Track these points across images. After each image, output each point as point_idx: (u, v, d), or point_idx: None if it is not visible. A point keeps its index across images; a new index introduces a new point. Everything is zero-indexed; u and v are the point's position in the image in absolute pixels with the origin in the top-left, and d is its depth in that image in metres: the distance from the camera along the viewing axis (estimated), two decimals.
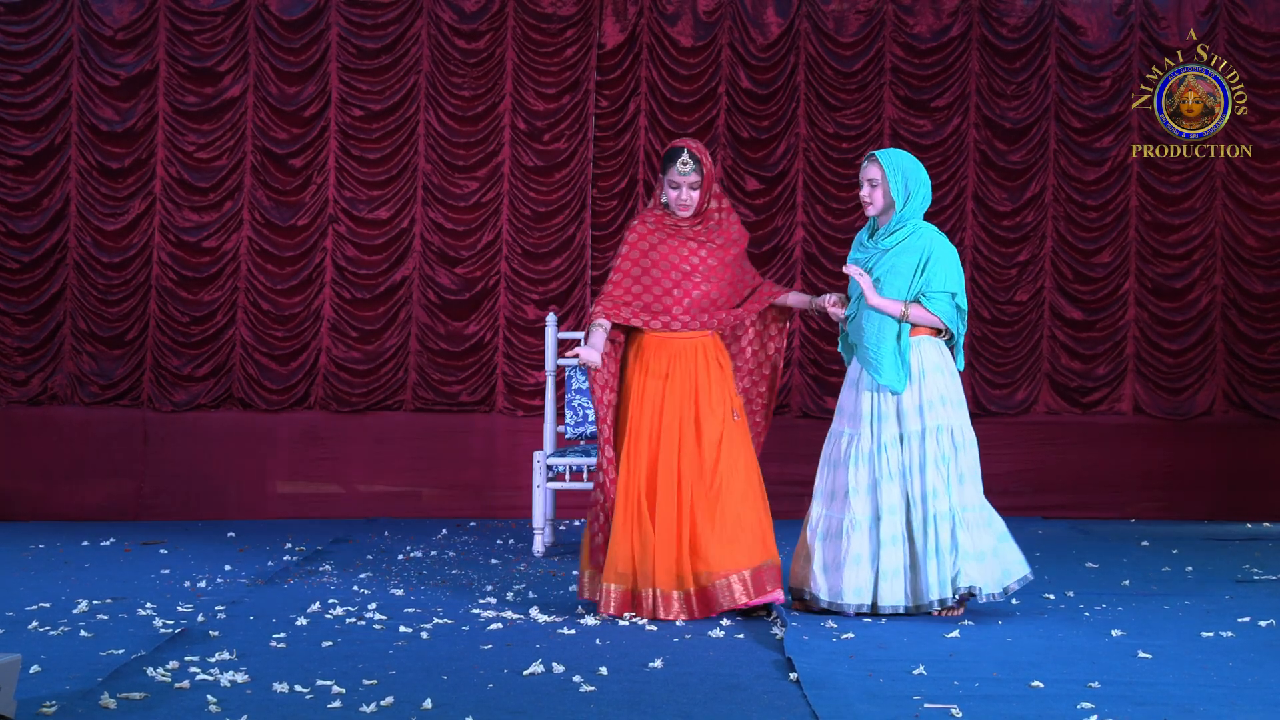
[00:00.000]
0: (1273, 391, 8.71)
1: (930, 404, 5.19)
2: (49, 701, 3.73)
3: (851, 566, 5.15)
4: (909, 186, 5.22)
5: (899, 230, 5.25)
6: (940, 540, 5.12)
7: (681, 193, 5.29)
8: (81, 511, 8.30)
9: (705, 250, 5.33)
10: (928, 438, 5.17)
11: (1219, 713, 3.72)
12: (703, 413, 5.24)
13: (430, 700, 3.78)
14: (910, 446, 5.19)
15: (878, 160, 5.24)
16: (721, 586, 5.09)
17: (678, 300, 5.27)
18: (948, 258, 5.23)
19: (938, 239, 5.25)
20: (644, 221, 5.39)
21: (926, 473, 5.15)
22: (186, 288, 8.50)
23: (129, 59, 8.51)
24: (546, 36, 8.65)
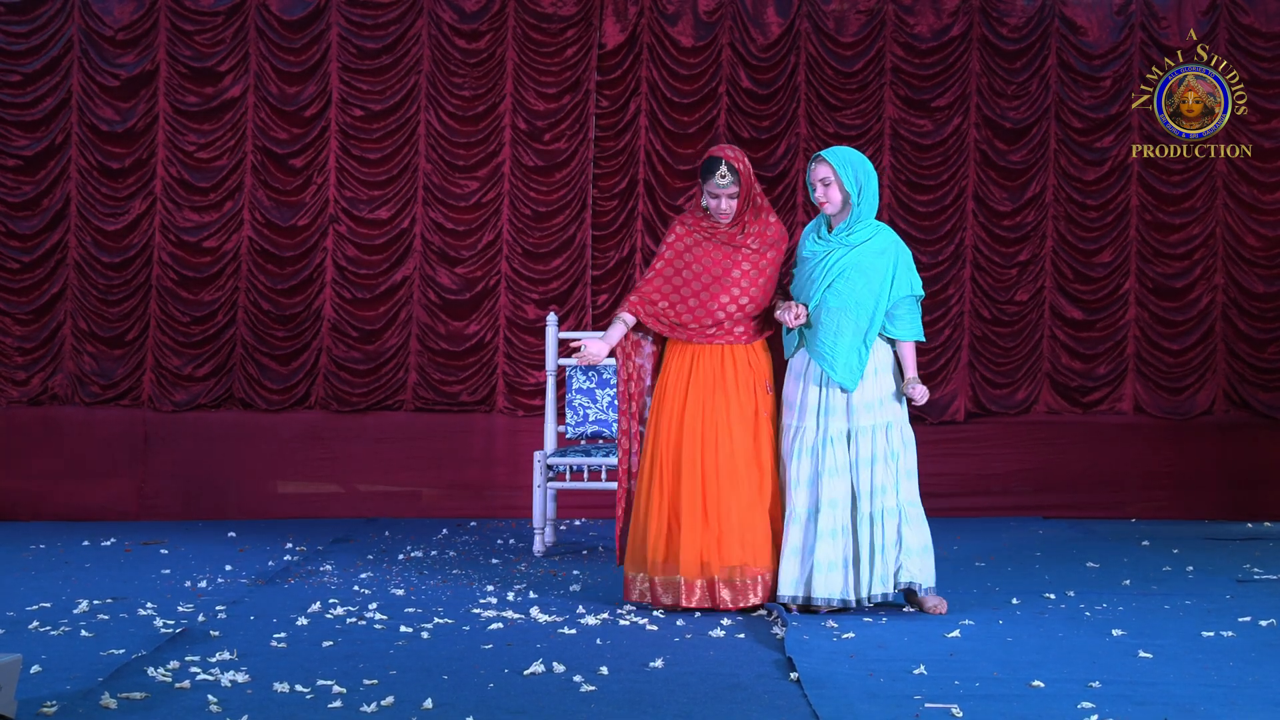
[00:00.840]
0: (1273, 391, 8.71)
1: (882, 401, 5.27)
2: (50, 701, 3.73)
3: (788, 559, 5.20)
4: (859, 179, 5.27)
5: (862, 227, 5.31)
6: (886, 535, 5.18)
7: (720, 203, 5.39)
8: (82, 511, 8.30)
9: (742, 255, 5.40)
10: (877, 434, 5.23)
11: (1219, 712, 3.72)
12: (731, 409, 5.31)
13: (431, 700, 3.79)
14: (859, 441, 5.22)
15: (824, 159, 5.28)
16: (750, 582, 5.21)
17: (708, 309, 5.35)
18: (911, 261, 5.36)
19: (900, 242, 5.37)
20: (683, 223, 5.50)
21: (875, 468, 5.21)
22: (187, 288, 8.50)
23: (129, 59, 8.51)
24: (547, 36, 8.65)
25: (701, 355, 5.39)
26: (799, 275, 5.38)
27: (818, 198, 5.31)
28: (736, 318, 5.37)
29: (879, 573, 5.16)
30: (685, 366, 5.39)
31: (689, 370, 5.38)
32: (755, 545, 5.25)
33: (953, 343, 8.72)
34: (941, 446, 8.62)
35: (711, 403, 5.32)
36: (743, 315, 5.38)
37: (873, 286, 5.26)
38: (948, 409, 8.67)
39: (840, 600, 5.16)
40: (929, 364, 8.68)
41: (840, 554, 5.17)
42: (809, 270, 5.33)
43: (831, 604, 5.15)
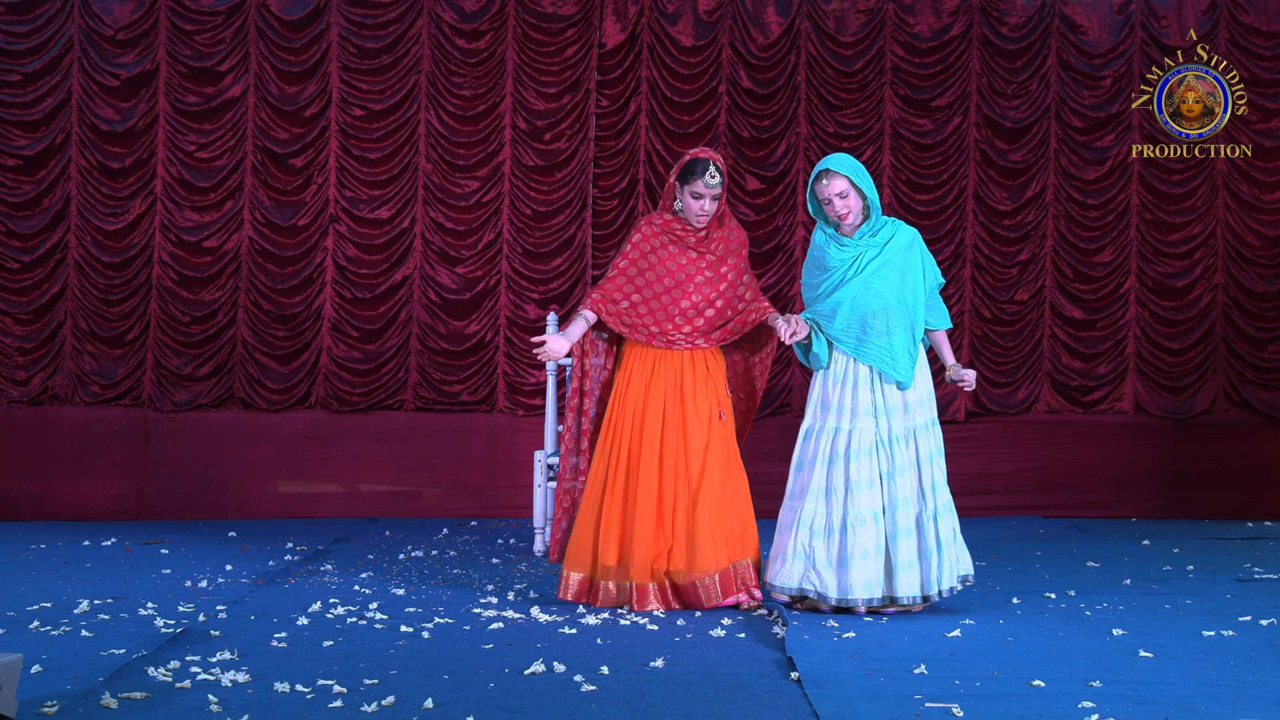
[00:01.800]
0: (1274, 390, 8.70)
1: (927, 399, 5.33)
2: (50, 701, 3.73)
3: (859, 562, 5.16)
4: (866, 180, 5.28)
5: (883, 227, 5.33)
6: (943, 531, 5.21)
7: (704, 203, 5.39)
8: (82, 511, 8.30)
9: (704, 262, 5.43)
10: (929, 432, 5.29)
11: (1220, 712, 3.72)
12: (688, 413, 5.33)
13: (431, 700, 3.79)
14: (915, 440, 5.26)
15: (836, 173, 5.23)
16: (698, 586, 5.22)
17: (668, 312, 5.38)
18: (928, 251, 5.41)
19: (916, 231, 5.40)
20: (650, 224, 5.49)
21: (933, 465, 5.26)
22: (187, 287, 8.50)
23: (129, 59, 8.51)
24: (547, 36, 8.65)
25: (663, 359, 5.40)
26: (823, 283, 5.34)
27: (838, 211, 5.25)
28: (697, 325, 5.39)
29: (945, 569, 5.19)
30: (646, 369, 5.40)
31: (650, 373, 5.39)
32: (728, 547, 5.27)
33: (953, 342, 8.71)
34: None
35: (671, 407, 5.33)
36: (703, 322, 5.40)
37: (910, 282, 5.30)
38: (948, 408, 8.67)
39: (919, 598, 5.17)
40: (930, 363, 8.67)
41: (914, 552, 5.19)
42: (838, 278, 5.30)
43: (916, 602, 5.16)
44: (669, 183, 5.47)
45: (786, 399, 8.64)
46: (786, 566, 5.24)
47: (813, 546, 5.22)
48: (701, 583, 5.23)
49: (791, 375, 8.64)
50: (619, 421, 5.37)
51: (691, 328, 5.40)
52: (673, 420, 5.33)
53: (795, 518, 5.27)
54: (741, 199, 8.69)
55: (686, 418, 5.33)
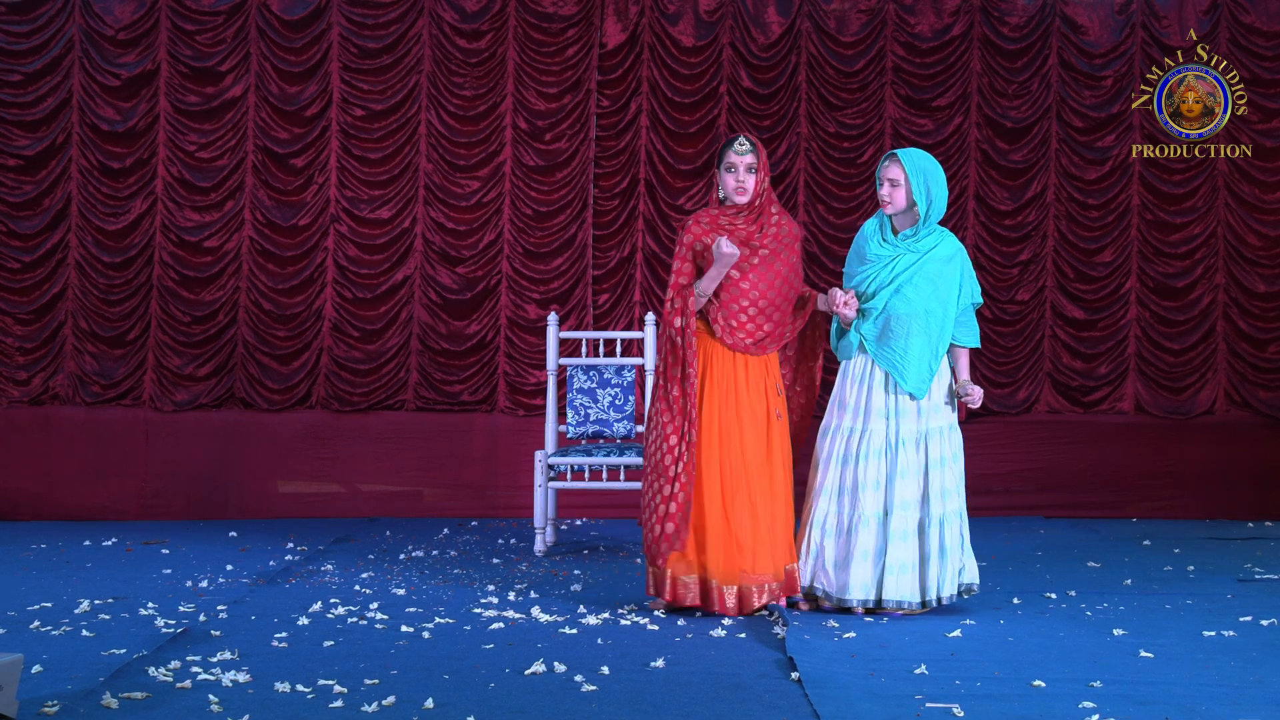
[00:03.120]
0: (1274, 390, 8.70)
1: (942, 405, 5.29)
2: (51, 701, 3.73)
3: (859, 563, 5.17)
4: (930, 189, 5.25)
5: (928, 233, 5.30)
6: (950, 537, 5.19)
7: (738, 174, 5.31)
8: (83, 511, 8.30)
9: (757, 258, 5.31)
10: (942, 437, 5.26)
11: (1221, 712, 3.72)
12: (743, 414, 5.27)
13: (432, 700, 3.79)
14: (926, 444, 5.24)
15: (900, 161, 5.25)
16: (757, 589, 5.18)
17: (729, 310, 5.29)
18: (972, 267, 5.39)
19: (963, 247, 5.38)
20: (698, 221, 5.41)
21: (944, 470, 5.23)
22: (188, 287, 8.50)
23: (130, 59, 8.51)
24: (548, 36, 8.65)
25: (715, 355, 5.32)
26: (860, 276, 5.34)
27: (883, 195, 5.28)
28: (763, 329, 5.30)
29: (946, 575, 5.17)
30: (701, 365, 5.31)
31: (704, 369, 5.31)
32: (777, 554, 5.23)
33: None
34: None
35: (726, 405, 5.27)
36: (770, 327, 5.32)
37: (941, 294, 5.26)
38: None
39: (911, 602, 5.15)
40: None
41: (912, 556, 5.17)
42: (873, 273, 5.30)
43: (903, 606, 5.14)
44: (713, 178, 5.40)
45: None
46: (800, 564, 5.26)
47: (823, 546, 5.24)
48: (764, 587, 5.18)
49: None
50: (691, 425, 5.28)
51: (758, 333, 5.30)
52: (726, 419, 5.25)
53: (810, 517, 5.30)
54: None
55: (743, 417, 5.26)
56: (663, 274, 8.61)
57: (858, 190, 8.72)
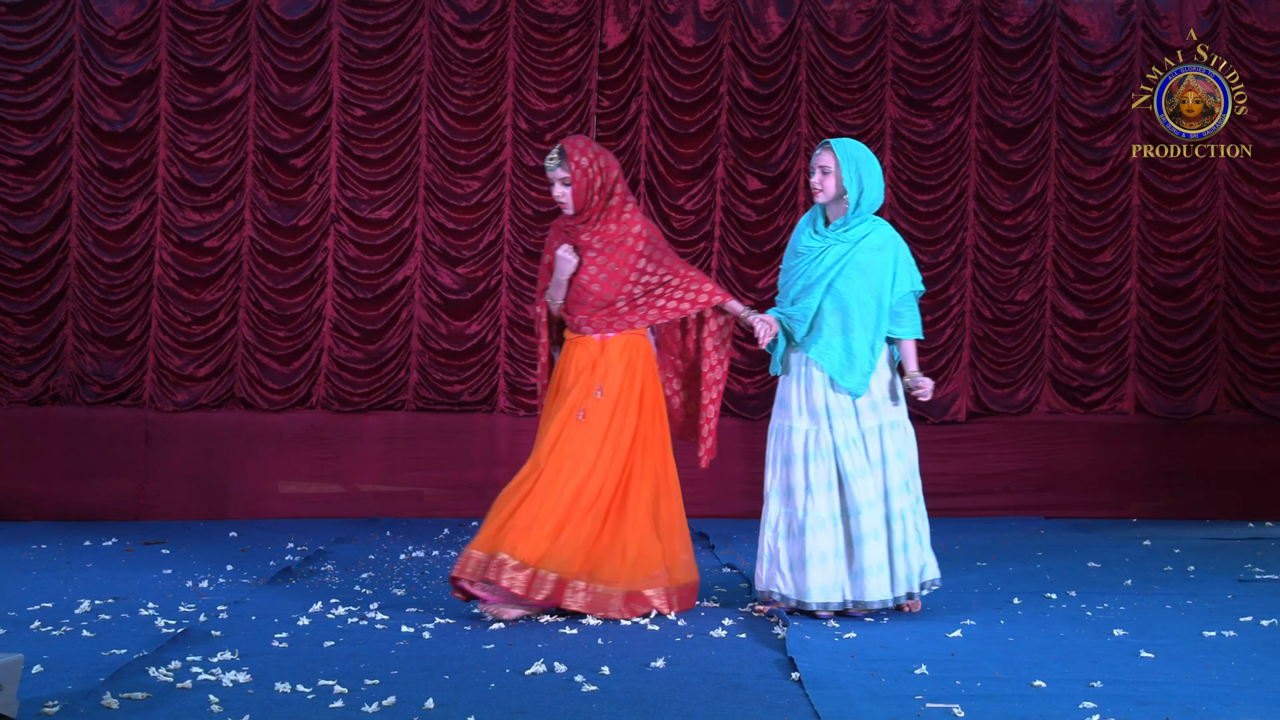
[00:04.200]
0: (1274, 391, 8.70)
1: (884, 400, 5.19)
2: (51, 701, 3.73)
3: (817, 565, 5.09)
4: (861, 179, 5.16)
5: (859, 223, 5.20)
6: (908, 534, 5.14)
7: (555, 189, 5.30)
8: (83, 511, 8.30)
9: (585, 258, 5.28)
10: (885, 433, 5.15)
11: (1221, 712, 3.71)
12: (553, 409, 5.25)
13: (432, 700, 3.79)
14: (868, 442, 5.14)
15: (831, 148, 5.18)
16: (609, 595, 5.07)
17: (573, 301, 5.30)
18: (909, 256, 5.27)
19: (898, 236, 5.27)
20: (555, 227, 5.44)
21: (891, 467, 5.13)
22: (188, 287, 8.50)
23: (130, 59, 8.51)
24: (548, 36, 8.65)
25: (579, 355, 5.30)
26: (791, 270, 5.28)
27: (814, 183, 5.21)
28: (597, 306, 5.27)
29: (909, 570, 5.13)
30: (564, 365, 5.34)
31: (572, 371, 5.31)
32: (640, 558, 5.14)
33: (954, 342, 8.72)
34: (943, 446, 8.63)
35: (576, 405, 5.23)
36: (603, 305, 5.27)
37: (874, 285, 5.17)
38: (949, 409, 8.67)
39: (888, 601, 5.11)
40: (930, 364, 8.68)
41: (882, 556, 5.11)
42: (803, 267, 5.24)
43: (887, 605, 5.11)
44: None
45: None
46: (757, 567, 5.23)
47: (777, 548, 5.18)
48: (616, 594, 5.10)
49: None
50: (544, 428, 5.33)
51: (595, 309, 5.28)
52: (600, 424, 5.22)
53: (763, 519, 5.25)
54: (742, 199, 8.69)
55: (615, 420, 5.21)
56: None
57: None
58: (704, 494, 7.81)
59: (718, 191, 8.70)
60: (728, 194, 8.72)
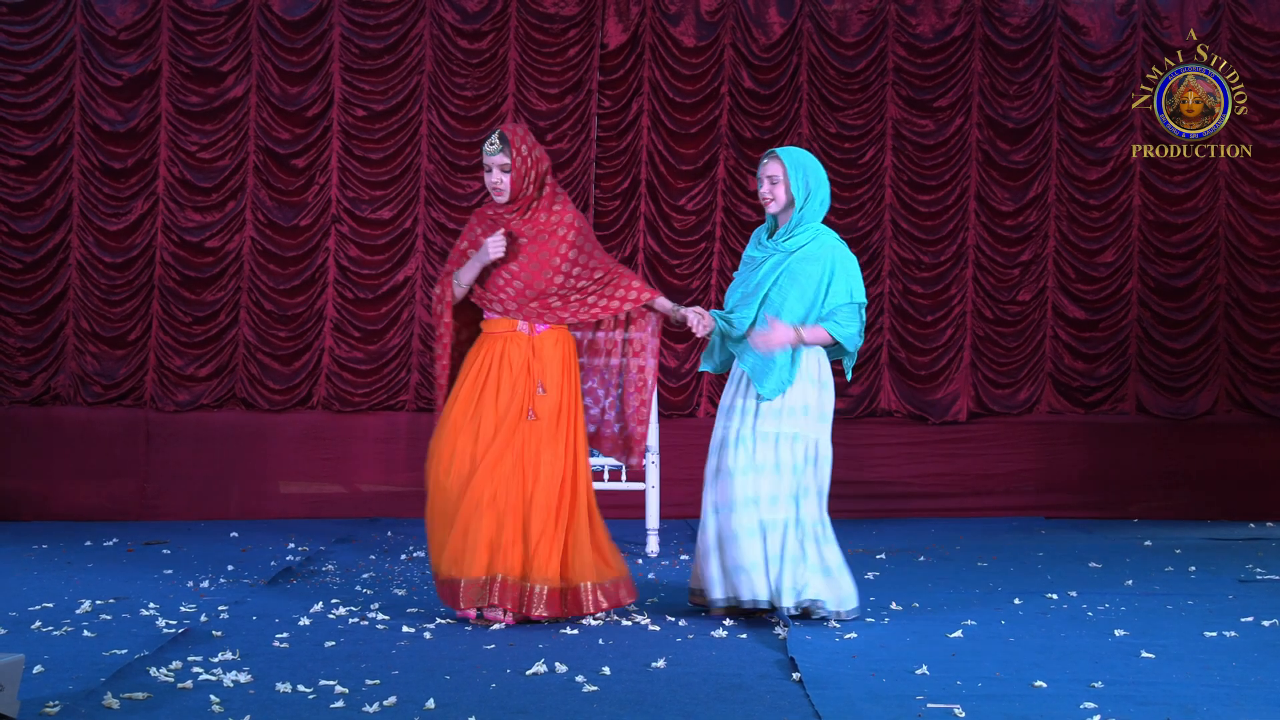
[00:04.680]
0: (1276, 391, 8.70)
1: (790, 410, 5.05)
2: (52, 701, 3.73)
3: (706, 558, 5.09)
4: (809, 185, 5.11)
5: (801, 233, 5.14)
6: (788, 548, 4.99)
7: (492, 175, 5.16)
8: (84, 512, 8.30)
9: (521, 242, 5.17)
10: (781, 444, 5.03)
11: (1222, 712, 3.71)
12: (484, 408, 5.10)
13: (433, 700, 3.79)
14: (764, 447, 5.03)
15: (778, 157, 5.14)
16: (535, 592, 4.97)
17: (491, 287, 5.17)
18: (852, 267, 5.13)
19: (840, 247, 5.15)
20: (473, 215, 5.32)
21: (793, 477, 5.02)
22: (189, 288, 8.50)
23: (132, 59, 8.51)
24: (549, 36, 8.65)
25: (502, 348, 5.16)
26: (737, 279, 5.25)
27: (763, 194, 5.16)
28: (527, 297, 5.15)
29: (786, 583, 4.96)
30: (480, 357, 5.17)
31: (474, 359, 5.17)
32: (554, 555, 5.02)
33: (955, 343, 8.72)
34: (944, 446, 8.63)
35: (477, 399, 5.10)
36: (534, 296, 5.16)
37: (805, 295, 5.08)
38: (950, 409, 8.67)
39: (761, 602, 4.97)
40: (932, 364, 8.69)
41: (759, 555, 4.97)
42: (744, 276, 5.20)
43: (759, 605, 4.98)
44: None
45: None
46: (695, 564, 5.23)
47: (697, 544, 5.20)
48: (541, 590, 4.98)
49: None
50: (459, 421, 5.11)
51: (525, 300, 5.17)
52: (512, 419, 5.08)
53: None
54: (743, 199, 8.69)
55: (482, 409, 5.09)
56: (665, 275, 8.62)
57: (859, 191, 8.72)
58: None
59: (719, 192, 8.70)
60: (729, 194, 8.72)
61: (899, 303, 8.73)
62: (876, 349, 8.71)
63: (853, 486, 8.57)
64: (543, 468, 5.07)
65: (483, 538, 4.98)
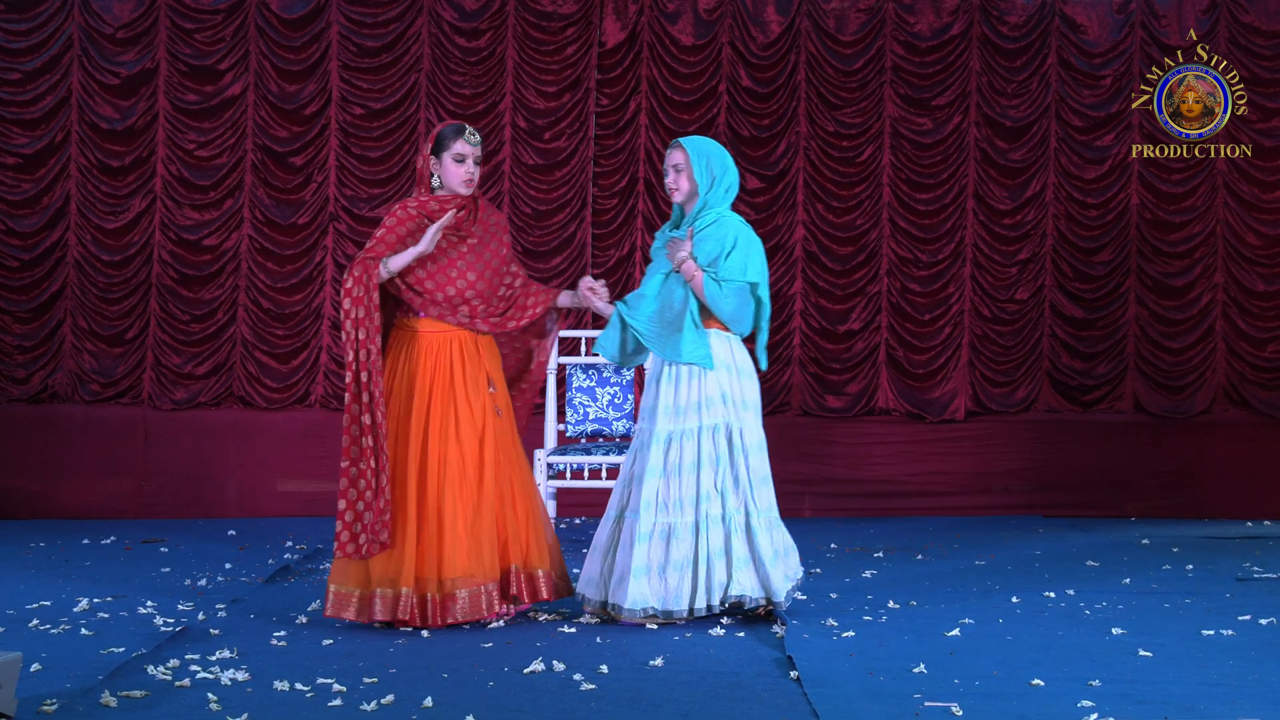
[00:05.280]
0: (1273, 390, 8.70)
1: (709, 401, 5.01)
2: (50, 700, 3.73)
3: (590, 557, 5.07)
4: (713, 172, 5.08)
5: (705, 217, 5.10)
6: (711, 545, 4.93)
7: (467, 165, 5.08)
8: (82, 510, 8.30)
9: (465, 246, 5.14)
10: (703, 437, 4.98)
11: (1219, 711, 3.72)
12: (460, 409, 5.03)
13: (431, 698, 3.79)
14: (684, 445, 4.98)
15: (681, 146, 5.10)
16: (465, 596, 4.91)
17: (440, 286, 5.08)
18: (752, 248, 5.07)
19: (743, 229, 5.10)
20: (405, 207, 5.14)
21: (701, 473, 4.97)
22: (187, 286, 8.50)
23: (129, 57, 8.51)
24: (547, 35, 8.65)
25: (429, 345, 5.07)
26: (648, 270, 5.22)
27: (669, 184, 5.14)
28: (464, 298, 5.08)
29: (703, 585, 4.90)
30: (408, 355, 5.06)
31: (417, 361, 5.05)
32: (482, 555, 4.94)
33: (953, 341, 8.72)
34: (941, 445, 8.63)
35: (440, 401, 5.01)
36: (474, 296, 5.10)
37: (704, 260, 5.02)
38: (948, 407, 8.67)
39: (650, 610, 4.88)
40: (929, 362, 8.69)
41: (648, 560, 4.90)
42: (654, 265, 5.19)
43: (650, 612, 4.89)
44: (420, 165, 5.16)
45: (786, 398, 8.64)
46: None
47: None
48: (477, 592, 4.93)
49: (791, 374, 8.64)
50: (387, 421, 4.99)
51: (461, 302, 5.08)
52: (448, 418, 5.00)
53: None
54: (741, 198, 8.68)
55: (459, 415, 5.02)
56: None
57: (857, 189, 8.72)
58: None
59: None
60: None
61: (897, 301, 8.73)
62: (874, 348, 8.71)
63: (850, 485, 8.58)
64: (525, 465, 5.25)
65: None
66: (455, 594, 4.90)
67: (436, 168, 5.16)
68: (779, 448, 8.58)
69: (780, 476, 8.88)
